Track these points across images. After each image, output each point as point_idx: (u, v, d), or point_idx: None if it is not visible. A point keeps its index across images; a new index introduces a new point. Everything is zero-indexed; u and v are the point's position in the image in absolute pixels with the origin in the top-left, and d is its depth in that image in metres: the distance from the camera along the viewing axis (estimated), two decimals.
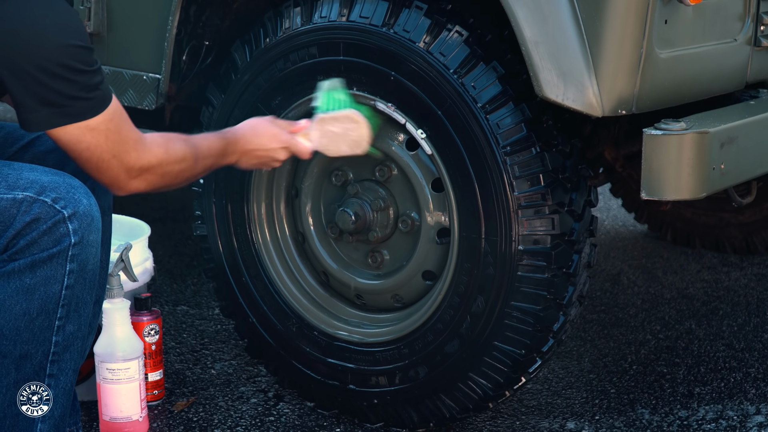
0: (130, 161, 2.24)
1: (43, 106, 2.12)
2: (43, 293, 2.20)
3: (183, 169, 2.35)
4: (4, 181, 2.19)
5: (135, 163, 2.25)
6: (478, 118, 2.45)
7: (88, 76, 2.15)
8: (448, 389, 2.62)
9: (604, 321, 3.48)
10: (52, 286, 2.20)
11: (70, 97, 2.13)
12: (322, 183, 2.78)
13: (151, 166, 2.28)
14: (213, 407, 2.88)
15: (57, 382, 2.27)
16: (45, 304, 2.21)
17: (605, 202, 4.71)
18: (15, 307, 2.20)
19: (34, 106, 2.13)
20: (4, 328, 2.21)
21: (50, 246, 2.18)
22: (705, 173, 2.36)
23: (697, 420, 2.83)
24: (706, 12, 2.53)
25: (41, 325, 2.22)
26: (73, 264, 2.21)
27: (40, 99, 2.12)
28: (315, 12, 2.63)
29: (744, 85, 2.75)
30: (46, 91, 2.11)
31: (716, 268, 3.93)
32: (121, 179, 2.25)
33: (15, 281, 2.19)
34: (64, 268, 2.20)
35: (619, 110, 2.39)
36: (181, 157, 2.34)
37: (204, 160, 2.41)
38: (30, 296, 2.19)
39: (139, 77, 2.85)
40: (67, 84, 2.12)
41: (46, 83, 2.10)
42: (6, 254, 2.18)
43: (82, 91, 2.14)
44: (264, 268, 2.83)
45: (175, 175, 2.34)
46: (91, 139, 2.18)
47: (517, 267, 2.48)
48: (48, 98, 2.12)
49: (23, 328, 2.21)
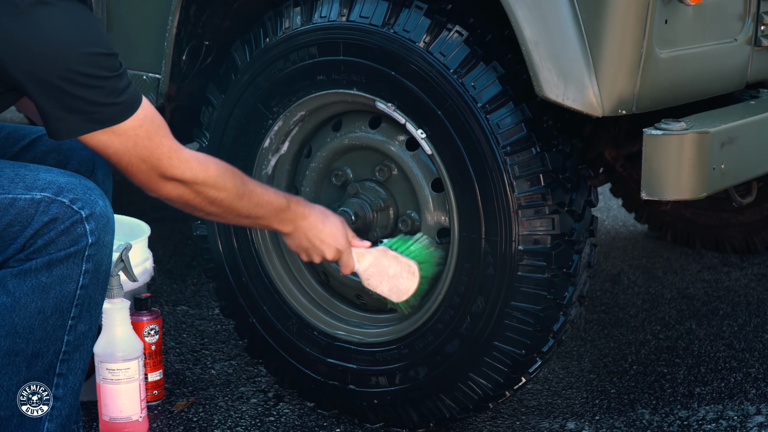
0: (161, 167, 2.23)
1: (70, 113, 2.13)
2: (58, 292, 2.21)
3: (220, 198, 2.33)
4: (21, 182, 2.20)
5: (167, 170, 2.24)
6: (478, 118, 2.45)
7: (114, 82, 2.14)
8: (448, 389, 2.62)
9: (605, 321, 3.47)
10: (68, 285, 2.22)
11: (97, 103, 2.13)
12: (321, 183, 2.78)
13: (184, 179, 2.27)
14: (213, 407, 2.88)
15: (66, 381, 2.29)
16: (59, 303, 2.22)
17: (605, 202, 4.70)
18: (30, 306, 2.21)
19: (62, 115, 2.13)
20: (18, 326, 2.22)
21: (67, 246, 2.19)
22: (705, 173, 2.36)
23: (697, 420, 2.83)
24: (706, 12, 2.53)
25: (54, 324, 2.23)
26: (89, 264, 2.22)
27: (67, 107, 2.12)
28: (315, 12, 2.63)
29: (744, 85, 2.75)
30: (71, 99, 2.12)
31: (716, 268, 3.93)
32: (153, 181, 2.25)
33: (31, 280, 2.20)
34: (80, 267, 2.22)
35: (620, 110, 2.39)
36: (222, 185, 2.32)
37: (252, 204, 2.39)
38: (45, 295, 2.21)
39: (139, 77, 2.85)
40: (93, 91, 2.12)
41: (71, 92, 2.11)
42: (23, 253, 2.19)
43: (109, 97, 2.14)
44: (264, 268, 2.82)
45: (211, 199, 2.33)
46: (119, 144, 2.18)
47: (517, 267, 2.48)
48: (74, 106, 2.13)
49: (37, 327, 2.22)
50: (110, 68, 2.14)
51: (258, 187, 2.43)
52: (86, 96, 2.12)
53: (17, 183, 2.20)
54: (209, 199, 2.32)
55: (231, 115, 2.78)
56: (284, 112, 2.71)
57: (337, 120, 2.74)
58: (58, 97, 2.11)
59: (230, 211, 2.38)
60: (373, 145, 2.66)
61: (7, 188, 2.19)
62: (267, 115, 2.73)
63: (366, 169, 2.71)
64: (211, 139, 2.83)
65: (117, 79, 2.15)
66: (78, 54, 2.10)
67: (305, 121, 2.74)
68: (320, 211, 2.55)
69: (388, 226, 2.70)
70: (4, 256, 2.20)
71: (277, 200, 2.46)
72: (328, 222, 2.54)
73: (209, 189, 2.31)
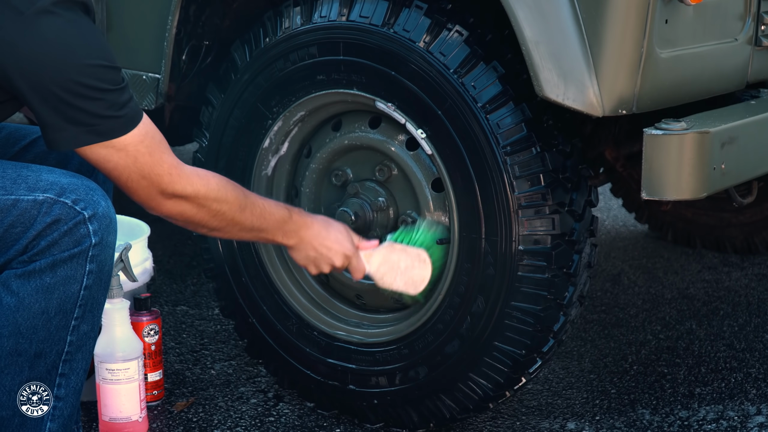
0: (162, 184, 2.23)
1: (69, 124, 2.13)
2: (62, 293, 2.21)
3: (223, 210, 2.33)
4: (23, 183, 2.20)
5: (167, 187, 2.24)
6: (479, 118, 2.45)
7: (115, 95, 2.14)
8: (448, 389, 2.62)
9: (605, 321, 3.47)
10: (72, 285, 2.21)
11: (98, 115, 2.13)
12: (321, 183, 2.78)
13: (186, 194, 2.26)
14: (213, 408, 2.88)
15: (68, 382, 2.28)
16: (63, 304, 2.22)
17: (606, 202, 4.70)
18: (34, 306, 2.20)
19: (61, 125, 2.13)
20: (22, 326, 2.21)
21: (71, 246, 2.19)
22: (706, 173, 2.36)
23: (697, 420, 2.83)
24: (706, 11, 2.53)
25: (58, 325, 2.23)
26: (92, 264, 2.22)
27: (67, 118, 2.12)
28: (315, 11, 2.63)
29: (745, 84, 2.75)
30: (72, 110, 2.11)
31: (717, 268, 3.93)
32: (153, 199, 2.25)
33: (35, 280, 2.19)
34: (84, 268, 2.21)
35: (620, 110, 2.39)
36: (224, 197, 2.32)
37: (254, 216, 2.39)
38: (49, 295, 2.20)
39: (139, 77, 2.85)
40: (94, 103, 2.12)
41: (72, 102, 2.10)
42: (26, 255, 2.19)
43: (110, 110, 2.13)
44: (264, 268, 2.82)
45: (214, 213, 2.32)
46: (119, 159, 2.18)
47: (517, 267, 2.47)
48: (74, 117, 2.12)
49: (40, 327, 2.22)
50: (112, 81, 2.14)
51: (259, 199, 2.43)
52: (87, 107, 2.12)
53: (19, 184, 2.20)
54: (212, 212, 2.32)
55: (231, 115, 2.78)
56: (284, 112, 2.71)
57: (337, 120, 2.73)
58: (58, 107, 2.11)
59: (234, 224, 2.37)
60: (373, 145, 2.66)
61: (10, 189, 2.19)
62: (267, 115, 2.73)
63: (366, 169, 2.71)
64: (211, 139, 2.83)
65: (119, 92, 2.15)
66: (81, 65, 2.10)
67: (305, 121, 2.74)
68: (323, 219, 2.54)
69: (388, 226, 2.69)
70: (6, 257, 2.20)
71: (279, 211, 2.46)
72: (332, 228, 2.53)
73: (212, 202, 2.31)
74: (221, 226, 2.37)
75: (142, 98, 2.84)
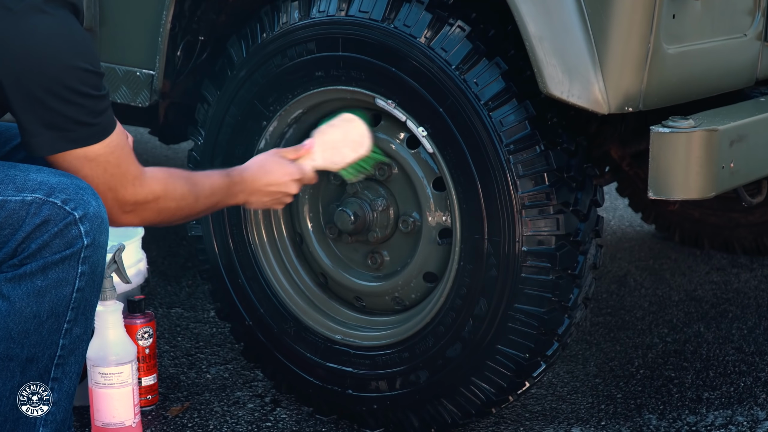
0: (126, 196, 2.27)
1: (46, 129, 2.15)
2: (54, 296, 2.20)
3: (181, 207, 2.37)
4: (11, 183, 2.19)
5: (130, 198, 2.27)
6: (481, 116, 2.44)
7: (95, 102, 2.17)
8: (449, 394, 2.62)
9: (611, 324, 3.47)
10: (64, 288, 2.20)
11: (75, 121, 2.15)
12: (320, 182, 2.76)
13: (146, 201, 2.30)
14: (208, 412, 2.87)
15: (61, 386, 2.28)
16: (55, 307, 2.21)
17: (611, 201, 4.73)
18: (25, 310, 2.20)
19: (38, 130, 2.15)
20: (13, 330, 2.21)
21: (62, 248, 2.18)
22: (714, 172, 2.35)
23: (705, 426, 2.82)
24: (715, 6, 2.53)
25: (50, 328, 2.22)
26: (84, 266, 2.21)
27: (45, 122, 2.14)
28: (313, 6, 2.63)
29: (754, 81, 2.75)
30: (51, 113, 2.13)
31: (725, 270, 3.93)
32: (113, 212, 2.28)
33: (26, 284, 2.19)
34: (76, 270, 2.20)
35: (626, 107, 2.38)
36: (180, 195, 2.36)
37: (206, 198, 2.43)
38: (41, 299, 2.20)
39: (133, 73, 2.85)
40: (72, 107, 2.14)
41: (52, 105, 2.12)
42: (17, 258, 2.18)
43: (88, 116, 2.16)
44: (261, 270, 2.82)
45: (173, 212, 2.37)
46: (89, 170, 2.21)
47: (520, 268, 2.47)
48: (52, 121, 2.14)
49: (32, 331, 2.21)
50: (95, 87, 2.16)
51: (202, 178, 2.45)
52: (65, 111, 2.13)
53: (7, 184, 2.19)
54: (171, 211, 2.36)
55: (227, 112, 2.79)
56: (282, 109, 2.71)
57: None
58: (38, 110, 2.13)
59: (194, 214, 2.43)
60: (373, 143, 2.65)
61: None
62: (264, 112, 2.73)
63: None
64: (207, 136, 2.84)
65: (99, 99, 2.17)
66: (66, 66, 2.12)
67: (303, 119, 2.74)
68: (256, 164, 2.55)
69: (388, 226, 2.69)
70: None
71: (221, 180, 2.47)
72: (267, 165, 2.54)
73: (170, 202, 2.34)
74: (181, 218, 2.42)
75: (136, 95, 2.86)
